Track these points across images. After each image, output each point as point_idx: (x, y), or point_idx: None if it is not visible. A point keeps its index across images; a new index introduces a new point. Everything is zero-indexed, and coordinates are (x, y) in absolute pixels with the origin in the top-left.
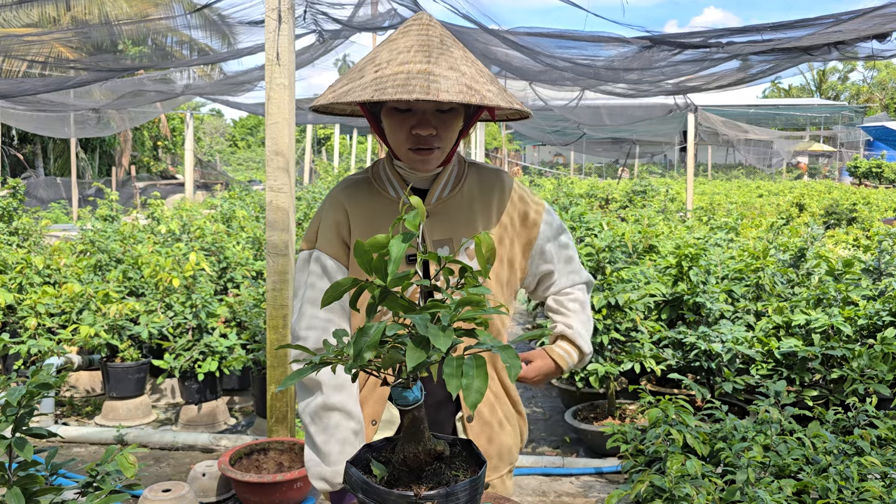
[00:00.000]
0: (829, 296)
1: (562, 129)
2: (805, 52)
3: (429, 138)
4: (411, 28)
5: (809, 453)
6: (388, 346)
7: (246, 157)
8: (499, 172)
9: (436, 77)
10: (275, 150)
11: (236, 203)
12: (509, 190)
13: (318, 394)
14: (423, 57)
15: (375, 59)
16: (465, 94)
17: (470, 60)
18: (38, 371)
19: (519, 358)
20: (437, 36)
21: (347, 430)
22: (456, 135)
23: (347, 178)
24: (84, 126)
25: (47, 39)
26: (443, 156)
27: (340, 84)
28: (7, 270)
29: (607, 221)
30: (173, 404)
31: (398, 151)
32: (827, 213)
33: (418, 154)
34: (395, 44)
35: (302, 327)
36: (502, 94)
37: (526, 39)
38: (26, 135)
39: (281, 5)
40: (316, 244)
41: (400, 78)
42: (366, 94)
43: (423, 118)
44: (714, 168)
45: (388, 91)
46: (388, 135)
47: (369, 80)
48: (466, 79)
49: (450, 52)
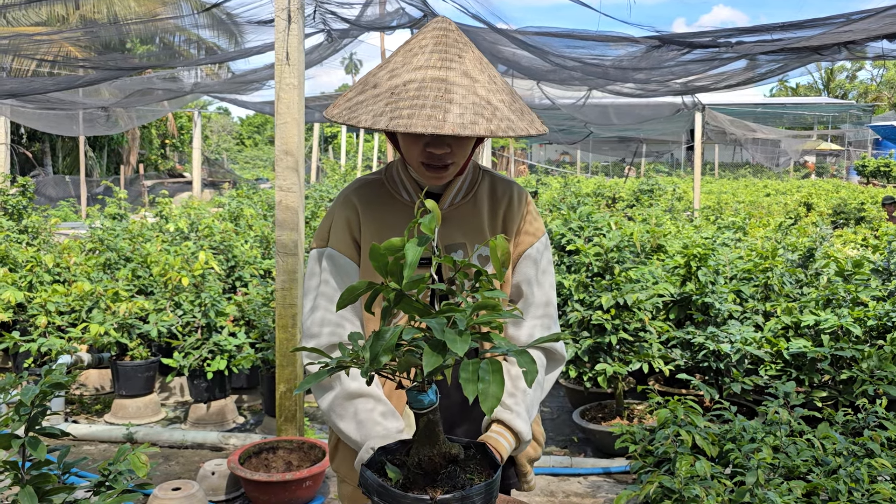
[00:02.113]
0: (838, 296)
1: (568, 127)
2: (814, 52)
3: (443, 156)
4: (427, 37)
5: (819, 455)
6: (404, 349)
7: (253, 155)
8: (511, 183)
9: (450, 106)
10: (284, 150)
11: (244, 201)
12: (519, 202)
13: (337, 385)
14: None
15: (391, 70)
16: (483, 127)
17: (487, 79)
18: (51, 370)
19: (536, 363)
20: (454, 48)
21: (375, 413)
22: (470, 149)
23: (360, 178)
24: (93, 124)
25: (56, 39)
26: (456, 170)
27: (353, 94)
28: (17, 269)
29: (615, 221)
30: (182, 403)
31: (411, 164)
32: (835, 213)
33: (430, 171)
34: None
35: (315, 323)
36: (522, 118)
37: (535, 39)
38: (35, 133)
39: (290, 5)
40: (328, 242)
41: (416, 105)
42: (381, 123)
43: (438, 137)
44: (721, 167)
45: (401, 123)
46: (402, 148)
47: (383, 106)
48: (484, 117)
49: (467, 74)
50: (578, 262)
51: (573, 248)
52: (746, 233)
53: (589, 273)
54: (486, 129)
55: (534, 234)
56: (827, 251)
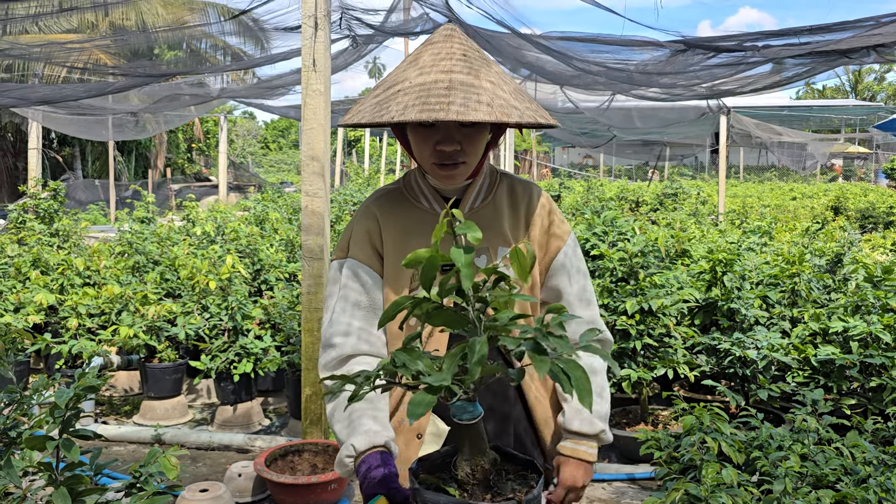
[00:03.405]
0: (867, 302)
1: (591, 130)
2: (842, 55)
3: (453, 153)
4: (435, 43)
5: (848, 463)
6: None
7: (277, 158)
8: (530, 184)
9: (456, 94)
10: (310, 155)
11: (269, 205)
12: (538, 203)
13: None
14: (443, 88)
15: (398, 76)
16: (486, 112)
17: (493, 75)
18: (84, 373)
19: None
20: (459, 56)
21: (365, 416)
22: (482, 149)
23: (380, 188)
24: (122, 129)
25: (88, 46)
26: (468, 170)
27: (369, 99)
28: (49, 271)
29: (639, 225)
30: (209, 404)
31: (424, 166)
32: (863, 217)
33: (443, 170)
34: (418, 61)
35: (337, 334)
36: (528, 108)
37: (559, 44)
38: (65, 138)
39: (317, 12)
40: (349, 253)
41: (421, 96)
42: (387, 116)
43: (447, 134)
44: (746, 170)
45: (408, 113)
46: (413, 149)
47: (393, 103)
48: (488, 95)
49: (473, 71)
50: (603, 267)
51: (597, 253)
52: (772, 237)
53: (613, 278)
54: (488, 115)
55: (561, 236)
56: (855, 256)
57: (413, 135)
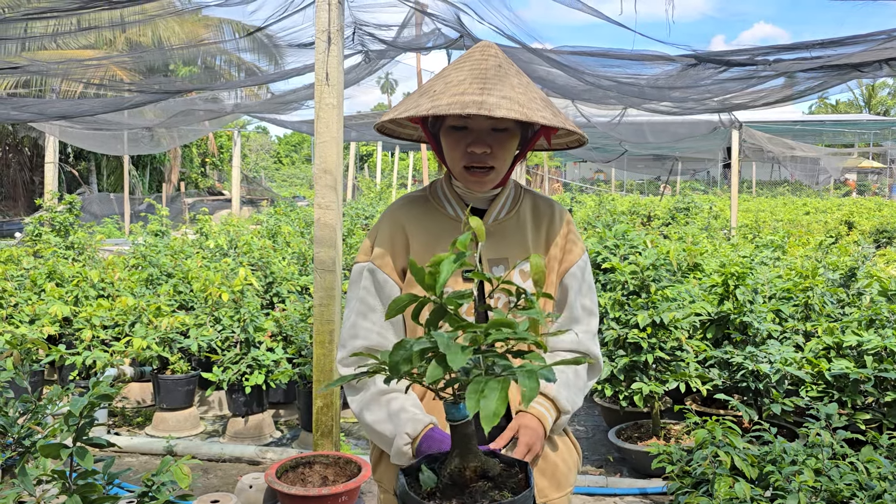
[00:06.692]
0: (881, 317)
1: (603, 145)
2: (854, 69)
3: (483, 156)
4: (472, 54)
5: (863, 479)
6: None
7: (290, 173)
8: (552, 202)
9: (489, 95)
10: (323, 169)
11: (281, 219)
12: (560, 220)
13: (371, 386)
14: (477, 88)
15: (431, 88)
16: (517, 112)
17: (525, 86)
18: (98, 382)
19: (539, 383)
20: (493, 66)
21: (407, 402)
22: (511, 156)
23: (406, 195)
24: (137, 143)
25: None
26: (497, 177)
27: (404, 101)
28: (64, 283)
29: (651, 239)
30: (220, 416)
31: (454, 170)
32: (877, 232)
33: (473, 175)
34: (456, 69)
35: (357, 338)
36: (556, 117)
37: (570, 59)
38: (81, 152)
39: (331, 27)
40: (371, 257)
41: (456, 94)
42: (421, 109)
43: (479, 136)
44: (758, 184)
45: (442, 107)
46: (445, 153)
47: (426, 99)
48: (519, 98)
49: (505, 79)
50: (614, 281)
51: (609, 267)
52: (785, 252)
53: (625, 291)
54: (519, 114)
55: (577, 253)
56: (869, 271)
57: (445, 138)
